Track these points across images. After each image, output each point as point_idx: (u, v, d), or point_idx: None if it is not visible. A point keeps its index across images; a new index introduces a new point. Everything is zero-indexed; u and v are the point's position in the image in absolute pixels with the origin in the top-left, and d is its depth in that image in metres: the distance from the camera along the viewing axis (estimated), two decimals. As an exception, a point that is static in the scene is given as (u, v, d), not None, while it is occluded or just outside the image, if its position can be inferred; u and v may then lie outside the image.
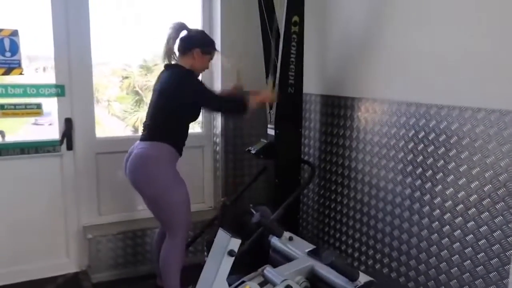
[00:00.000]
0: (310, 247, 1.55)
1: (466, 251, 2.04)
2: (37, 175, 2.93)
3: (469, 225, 2.02)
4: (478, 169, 1.97)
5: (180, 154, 2.48)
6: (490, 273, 1.93)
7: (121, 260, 3.05)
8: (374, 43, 2.57)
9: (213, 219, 3.09)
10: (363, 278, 1.31)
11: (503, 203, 1.87)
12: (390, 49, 2.45)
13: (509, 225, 1.85)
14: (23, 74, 2.78)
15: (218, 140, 3.40)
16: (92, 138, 3.05)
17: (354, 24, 2.72)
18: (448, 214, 2.12)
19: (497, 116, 1.87)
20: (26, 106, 2.83)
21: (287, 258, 1.53)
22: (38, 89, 2.84)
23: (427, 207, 2.24)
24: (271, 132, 2.84)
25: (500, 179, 1.87)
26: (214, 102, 2.47)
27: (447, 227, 2.14)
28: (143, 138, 2.45)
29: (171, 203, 2.39)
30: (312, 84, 2.98)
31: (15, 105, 2.81)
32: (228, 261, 1.29)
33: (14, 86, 2.77)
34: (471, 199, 2.00)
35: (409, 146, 2.34)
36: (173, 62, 2.47)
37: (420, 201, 2.29)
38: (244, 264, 2.29)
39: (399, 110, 2.39)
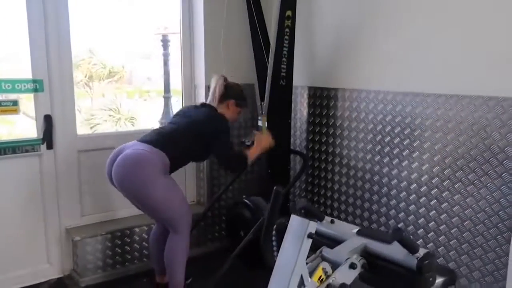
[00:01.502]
0: (355, 228, 1.65)
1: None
2: (14, 177, 2.72)
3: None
4: (440, 145, 2.34)
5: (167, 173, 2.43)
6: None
7: (109, 261, 2.94)
8: (358, 38, 2.74)
9: (204, 212, 3.10)
10: (421, 250, 1.44)
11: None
12: (371, 43, 2.66)
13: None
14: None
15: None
16: (74, 136, 2.89)
17: (340, 19, 2.86)
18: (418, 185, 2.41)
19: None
20: (0, 103, 2.62)
21: (334, 240, 1.62)
22: (13, 84, 2.64)
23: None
24: (262, 123, 2.90)
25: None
26: (225, 157, 2.54)
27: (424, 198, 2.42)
28: (145, 142, 2.38)
29: (169, 203, 2.36)
30: (299, 76, 3.08)
31: (-12, 102, 2.59)
32: (307, 243, 1.35)
33: (-14, 81, 2.55)
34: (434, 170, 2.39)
35: (387, 130, 2.63)
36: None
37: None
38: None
39: (376, 98, 2.67)
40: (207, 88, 3.18)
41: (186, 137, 2.44)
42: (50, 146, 2.80)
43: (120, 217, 3.13)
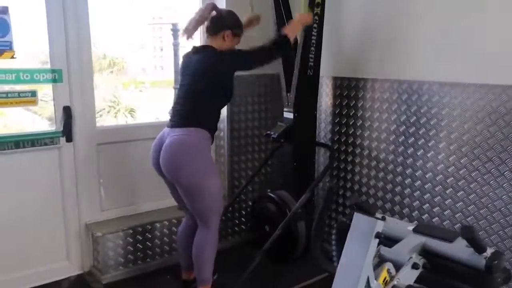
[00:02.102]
0: (410, 225, 1.57)
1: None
2: (33, 171, 2.62)
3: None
4: (456, 133, 2.32)
5: (213, 141, 2.38)
6: None
7: (131, 257, 2.86)
8: (383, 26, 2.66)
9: (227, 206, 3.02)
10: (489, 249, 1.37)
11: None
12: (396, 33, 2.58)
13: None
14: (15, 58, 2.45)
15: (221, 125, 3.27)
16: (93, 128, 2.79)
17: (368, 8, 2.76)
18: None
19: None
20: (19, 94, 2.51)
21: (389, 239, 1.54)
22: (32, 75, 2.53)
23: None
24: (288, 115, 2.81)
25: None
26: (259, 54, 2.37)
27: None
28: (176, 125, 2.29)
29: (210, 192, 2.29)
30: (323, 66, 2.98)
31: (7, 93, 2.48)
32: (375, 244, 1.27)
33: (5, 71, 2.43)
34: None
35: (411, 120, 2.59)
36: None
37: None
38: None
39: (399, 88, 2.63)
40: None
41: (201, 99, 2.29)
42: (69, 139, 2.70)
43: (140, 211, 3.05)
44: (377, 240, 1.28)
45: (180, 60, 2.51)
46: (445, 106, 2.40)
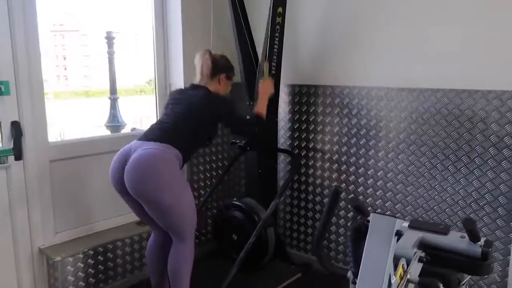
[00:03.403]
0: (402, 221, 1.68)
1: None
2: (-23, 194, 2.35)
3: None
4: (404, 133, 2.42)
5: (182, 167, 2.32)
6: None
7: (92, 280, 2.67)
8: (336, 37, 2.83)
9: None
10: (482, 239, 1.52)
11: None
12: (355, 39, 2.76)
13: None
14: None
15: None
16: (45, 144, 2.57)
17: (325, 16, 2.90)
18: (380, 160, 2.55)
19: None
20: (-40, 109, 2.24)
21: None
22: (-25, 87, 2.27)
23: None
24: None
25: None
26: (240, 129, 2.56)
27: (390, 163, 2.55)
28: (153, 138, 2.20)
29: (183, 207, 2.23)
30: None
31: None
32: (395, 241, 1.34)
33: None
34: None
35: (362, 123, 2.81)
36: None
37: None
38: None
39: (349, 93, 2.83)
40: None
41: (190, 125, 2.29)
42: (19, 157, 2.45)
43: (97, 230, 2.86)
44: (396, 237, 1.35)
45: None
46: (393, 109, 2.64)
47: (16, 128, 2.42)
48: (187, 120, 2.30)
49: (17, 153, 2.44)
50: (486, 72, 2.27)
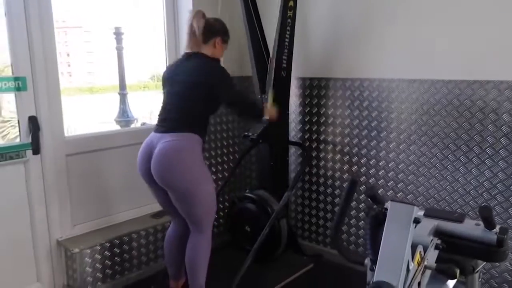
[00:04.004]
0: (419, 210, 1.71)
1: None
2: (-3, 188, 2.40)
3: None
4: (416, 125, 2.46)
5: (204, 146, 2.36)
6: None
7: (109, 271, 2.72)
8: (351, 29, 2.84)
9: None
10: (497, 226, 1.55)
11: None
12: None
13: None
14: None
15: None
16: (61, 138, 2.61)
17: (334, 10, 2.92)
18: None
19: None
20: (-20, 104, 2.29)
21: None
22: (-7, 83, 2.32)
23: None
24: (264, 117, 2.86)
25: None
26: (239, 103, 2.48)
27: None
28: (167, 130, 2.24)
29: (205, 196, 2.28)
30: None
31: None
32: (413, 228, 1.38)
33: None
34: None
35: (364, 114, 2.84)
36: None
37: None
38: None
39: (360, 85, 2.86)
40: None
41: (195, 103, 2.27)
42: (36, 151, 2.50)
43: (113, 223, 2.91)
44: (414, 225, 1.39)
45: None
46: (404, 101, 2.65)
47: (34, 123, 2.47)
48: (188, 101, 2.26)
49: (35, 147, 2.49)
50: (498, 62, 2.29)
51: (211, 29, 2.35)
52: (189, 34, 2.32)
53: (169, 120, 2.28)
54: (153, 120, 3.86)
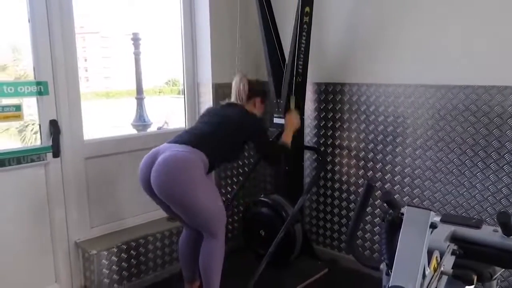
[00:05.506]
0: (435, 215, 1.70)
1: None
2: (18, 190, 2.46)
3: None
4: (432, 130, 2.45)
5: (208, 172, 2.37)
6: None
7: (125, 273, 2.76)
8: (360, 35, 2.85)
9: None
10: (514, 232, 1.53)
11: None
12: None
13: None
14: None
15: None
16: (81, 141, 2.67)
17: (351, 16, 2.93)
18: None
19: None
20: (3, 108, 2.35)
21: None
22: (16, 87, 2.38)
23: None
24: (279, 121, 2.89)
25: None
26: (269, 155, 2.62)
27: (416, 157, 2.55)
28: (183, 141, 2.27)
29: (206, 206, 2.26)
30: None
31: (-10, 108, 2.31)
32: (429, 233, 1.37)
33: (-12, 85, 2.28)
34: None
35: (380, 119, 2.75)
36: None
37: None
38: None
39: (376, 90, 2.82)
40: (215, 86, 3.13)
41: (222, 137, 2.37)
42: (57, 154, 2.56)
43: (129, 226, 2.96)
44: (431, 230, 1.38)
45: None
46: (421, 106, 2.64)
47: (54, 127, 2.53)
48: (221, 133, 2.38)
49: (55, 150, 2.55)
50: (516, 67, 2.27)
51: (253, 91, 2.60)
52: (236, 92, 2.59)
53: (187, 136, 2.32)
54: (171, 125, 3.93)
